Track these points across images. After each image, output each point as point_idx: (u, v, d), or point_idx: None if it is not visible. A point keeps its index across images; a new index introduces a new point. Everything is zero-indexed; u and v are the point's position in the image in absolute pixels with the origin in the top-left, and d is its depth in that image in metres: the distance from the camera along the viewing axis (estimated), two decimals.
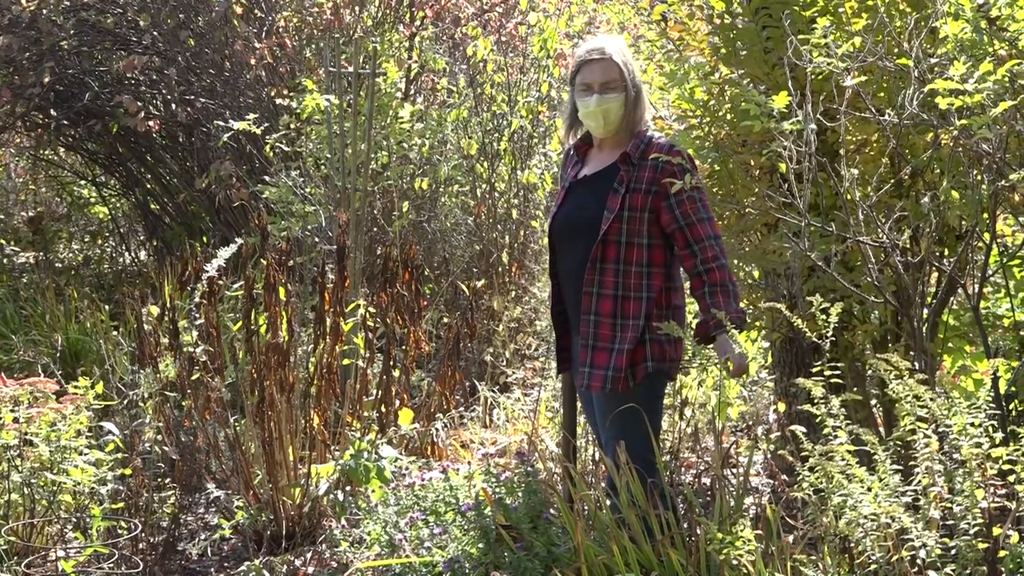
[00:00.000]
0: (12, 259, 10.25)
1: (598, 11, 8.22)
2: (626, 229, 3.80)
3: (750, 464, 3.88)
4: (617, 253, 3.81)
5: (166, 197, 9.85)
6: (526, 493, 3.96)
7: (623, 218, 3.80)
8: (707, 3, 4.48)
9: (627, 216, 3.80)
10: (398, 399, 5.49)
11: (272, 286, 4.89)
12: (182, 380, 5.08)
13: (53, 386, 4.65)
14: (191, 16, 8.69)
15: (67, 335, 7.13)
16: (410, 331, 5.58)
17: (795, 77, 3.84)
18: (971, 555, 2.94)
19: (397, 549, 4.02)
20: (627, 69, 3.85)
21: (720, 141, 4.53)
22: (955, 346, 4.44)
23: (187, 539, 4.86)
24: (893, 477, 3.09)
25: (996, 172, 3.66)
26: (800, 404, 3.70)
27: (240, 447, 4.80)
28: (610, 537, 3.35)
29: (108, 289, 9.31)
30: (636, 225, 3.80)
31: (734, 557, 3.17)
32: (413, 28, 8.42)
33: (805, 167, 3.68)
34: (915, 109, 3.63)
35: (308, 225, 7.08)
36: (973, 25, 3.54)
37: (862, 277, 4.05)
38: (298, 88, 7.68)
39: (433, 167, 7.92)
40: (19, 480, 4.40)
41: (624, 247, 3.81)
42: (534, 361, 7.57)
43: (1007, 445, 3.06)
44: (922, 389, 3.11)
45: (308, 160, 7.50)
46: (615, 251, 3.81)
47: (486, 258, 8.10)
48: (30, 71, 8.50)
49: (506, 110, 8.19)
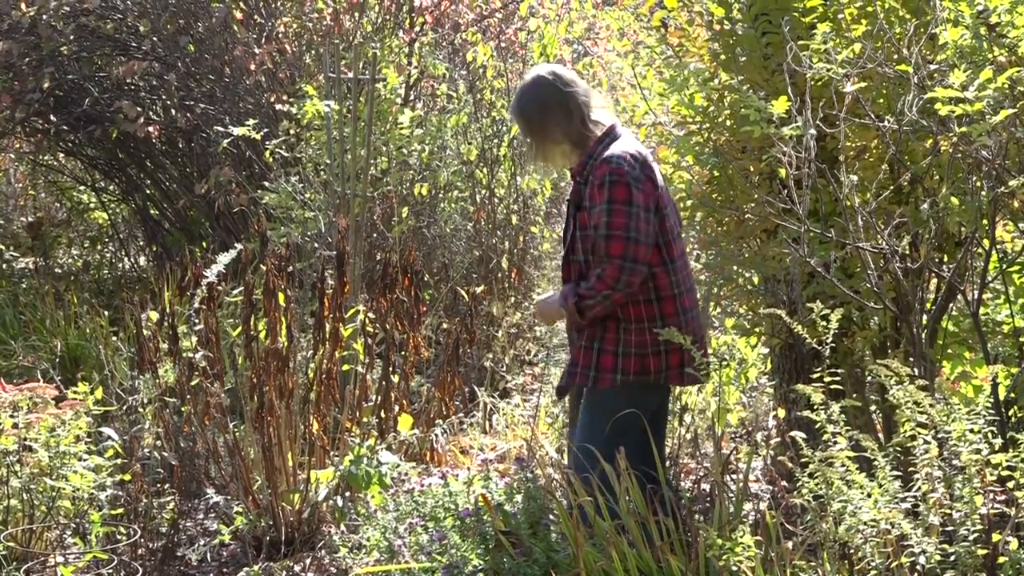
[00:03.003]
0: (11, 264, 10.24)
1: (597, 17, 8.22)
2: (581, 248, 3.90)
3: (749, 470, 3.87)
4: (580, 271, 3.92)
5: (166, 202, 9.85)
6: (525, 499, 3.96)
7: (576, 237, 3.91)
8: (707, 9, 4.48)
9: (580, 235, 3.89)
10: (397, 405, 5.49)
11: (272, 292, 4.89)
12: (181, 386, 5.07)
13: (52, 391, 4.65)
14: (191, 22, 8.69)
15: (66, 340, 7.12)
16: (409, 337, 5.58)
17: (795, 83, 3.85)
18: (970, 561, 2.94)
19: (396, 555, 4.02)
20: (524, 118, 3.96)
21: (720, 147, 4.53)
22: (954, 352, 4.44)
23: (186, 545, 4.86)
24: (893, 483, 3.08)
25: (995, 178, 3.66)
26: (800, 410, 3.71)
27: (239, 453, 4.80)
28: (609, 543, 3.35)
29: (108, 294, 9.30)
30: (587, 243, 3.87)
31: (734, 563, 3.17)
32: (413, 34, 8.42)
33: (804, 173, 3.69)
34: (915, 115, 3.63)
35: (308, 231, 7.08)
36: (973, 32, 3.55)
37: (861, 283, 4.05)
38: (298, 94, 7.68)
39: (433, 173, 7.92)
40: (18, 485, 4.40)
41: (584, 265, 3.90)
42: (534, 367, 7.57)
43: (1006, 451, 3.06)
44: (922, 395, 3.11)
45: (308, 166, 7.50)
46: (578, 269, 3.93)
47: (486, 264, 8.10)
48: (30, 76, 8.50)
49: (506, 116, 8.19)
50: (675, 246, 3.94)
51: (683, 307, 3.95)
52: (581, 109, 3.91)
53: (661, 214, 3.87)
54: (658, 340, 3.85)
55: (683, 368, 3.93)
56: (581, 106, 3.92)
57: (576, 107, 3.91)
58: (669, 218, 3.92)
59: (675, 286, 3.92)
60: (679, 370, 3.94)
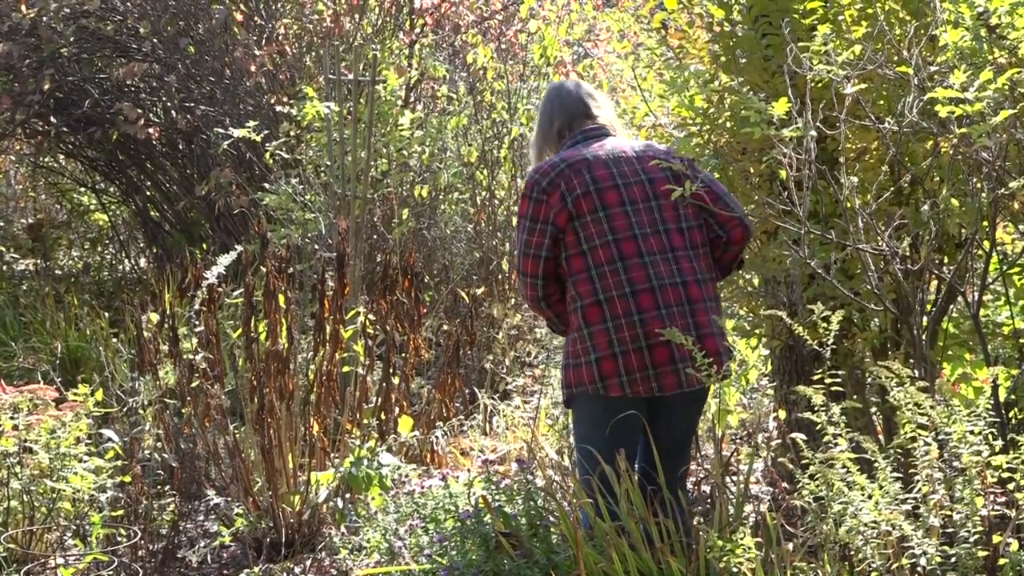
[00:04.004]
0: (12, 266, 10.25)
1: (598, 19, 8.23)
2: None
3: (750, 471, 3.87)
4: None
5: (166, 204, 9.86)
6: (526, 500, 3.96)
7: None
8: (707, 11, 4.48)
9: None
10: (398, 406, 5.49)
11: (272, 293, 4.89)
12: (182, 387, 5.07)
13: (53, 393, 4.65)
14: (191, 23, 8.70)
15: (67, 342, 7.13)
16: (410, 338, 5.58)
17: (795, 84, 3.85)
18: (971, 563, 2.94)
19: (396, 556, 4.02)
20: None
21: (720, 148, 4.53)
22: (955, 354, 4.43)
23: (186, 546, 4.86)
24: (893, 485, 3.08)
25: (996, 180, 3.66)
26: (800, 411, 3.70)
27: (240, 454, 4.80)
28: (609, 545, 3.35)
29: (108, 296, 9.31)
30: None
31: (734, 564, 3.17)
32: (413, 35, 8.43)
33: (805, 174, 3.68)
34: (915, 117, 3.63)
35: (308, 232, 7.08)
36: (973, 33, 3.55)
37: (862, 285, 4.05)
38: (298, 95, 7.68)
39: (433, 174, 7.92)
40: (19, 487, 4.40)
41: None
42: (534, 369, 7.57)
43: (1007, 453, 3.05)
44: (922, 397, 3.11)
45: (308, 167, 7.51)
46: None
47: (486, 265, 8.10)
48: (30, 78, 8.51)
49: (506, 117, 8.19)
50: (613, 249, 3.76)
51: (615, 312, 3.70)
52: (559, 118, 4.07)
53: (582, 221, 3.76)
54: (588, 349, 3.71)
55: (623, 377, 3.69)
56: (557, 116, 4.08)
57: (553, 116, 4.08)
58: (602, 222, 3.77)
59: (600, 292, 3.73)
60: (617, 380, 3.69)
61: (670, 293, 3.74)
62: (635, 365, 3.68)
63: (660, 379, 3.69)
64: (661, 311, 3.71)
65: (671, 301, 3.74)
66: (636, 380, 3.69)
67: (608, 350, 3.69)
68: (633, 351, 3.67)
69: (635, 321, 3.70)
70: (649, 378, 3.70)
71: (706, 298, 3.81)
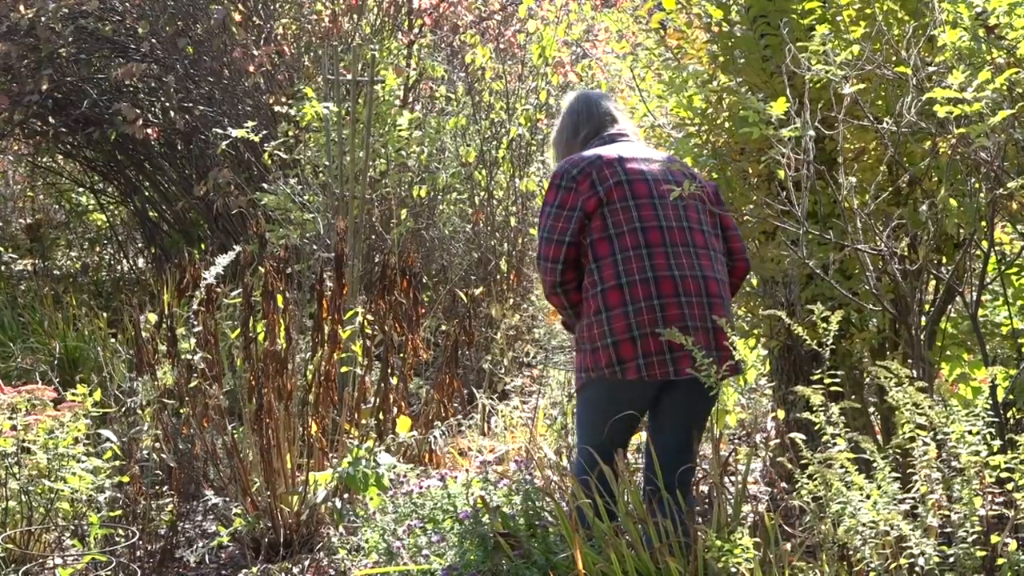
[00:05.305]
0: (10, 266, 10.24)
1: (596, 19, 8.23)
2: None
3: (748, 471, 3.87)
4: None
5: (164, 204, 9.85)
6: (524, 501, 3.96)
7: None
8: (705, 11, 4.48)
9: None
10: (396, 407, 5.49)
11: (270, 293, 4.90)
12: (180, 387, 5.07)
13: (51, 393, 4.64)
14: (189, 24, 8.70)
15: (65, 342, 7.12)
16: (408, 339, 5.58)
17: (793, 85, 3.85)
18: (969, 563, 2.94)
19: (395, 557, 4.02)
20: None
21: (718, 149, 4.53)
22: (953, 354, 4.44)
23: (185, 547, 4.86)
24: (892, 485, 3.08)
25: (994, 180, 3.66)
26: (799, 412, 3.71)
27: (238, 454, 4.79)
28: (608, 545, 3.35)
29: (106, 296, 9.31)
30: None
31: (732, 565, 3.17)
32: (411, 36, 8.43)
33: (803, 175, 3.68)
34: (913, 117, 3.63)
35: (306, 233, 7.08)
36: (971, 33, 3.55)
37: (860, 285, 4.05)
38: (296, 95, 7.68)
39: (431, 175, 7.92)
40: (17, 487, 4.40)
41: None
42: (532, 369, 7.57)
43: (1005, 453, 3.06)
44: (921, 397, 3.11)
45: (306, 167, 7.51)
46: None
47: (484, 266, 8.10)
48: (28, 78, 8.51)
49: (504, 118, 8.20)
50: (640, 236, 3.84)
51: (636, 296, 3.77)
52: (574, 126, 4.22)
53: (612, 207, 3.86)
54: (605, 333, 3.77)
55: (640, 360, 3.74)
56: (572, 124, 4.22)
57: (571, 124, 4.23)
58: (631, 210, 3.87)
59: (623, 275, 3.79)
60: (635, 363, 3.74)
61: (690, 284, 3.82)
62: (652, 348, 3.75)
63: (676, 362, 3.76)
64: (680, 299, 3.79)
65: (691, 291, 3.81)
66: (653, 363, 3.76)
67: (627, 334, 3.76)
68: (651, 335, 3.74)
69: (655, 305, 3.78)
70: (666, 362, 3.76)
71: (723, 295, 3.89)
